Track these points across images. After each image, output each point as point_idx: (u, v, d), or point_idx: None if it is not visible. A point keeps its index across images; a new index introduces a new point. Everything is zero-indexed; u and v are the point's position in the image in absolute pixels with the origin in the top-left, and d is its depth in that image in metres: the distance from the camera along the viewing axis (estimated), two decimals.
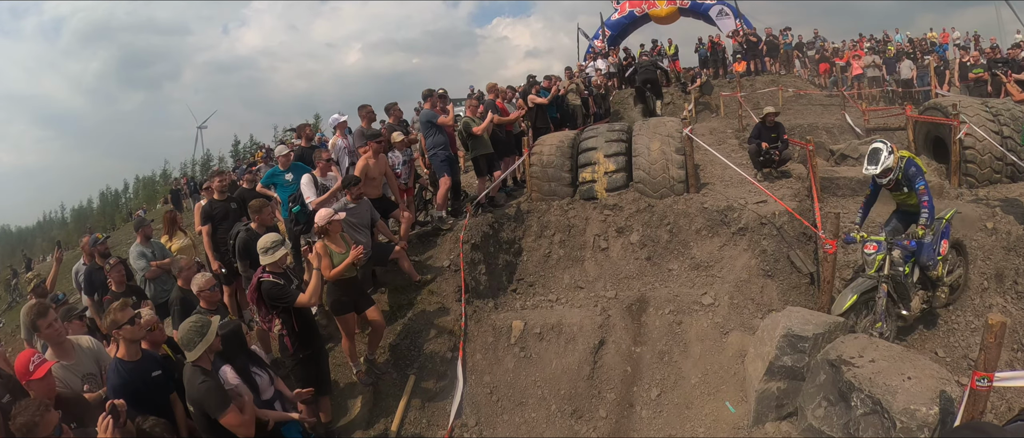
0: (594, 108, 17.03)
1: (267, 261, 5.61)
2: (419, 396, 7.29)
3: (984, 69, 15.60)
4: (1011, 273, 7.28)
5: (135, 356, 4.48)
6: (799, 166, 11.58)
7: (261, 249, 5.65)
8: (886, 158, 6.54)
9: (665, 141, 10.22)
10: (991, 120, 9.55)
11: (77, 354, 4.79)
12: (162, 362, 4.73)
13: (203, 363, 4.36)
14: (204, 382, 4.25)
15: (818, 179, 9.42)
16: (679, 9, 29.01)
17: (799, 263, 7.99)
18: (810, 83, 23.54)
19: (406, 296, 8.42)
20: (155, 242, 8.27)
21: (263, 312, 5.77)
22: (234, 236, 7.28)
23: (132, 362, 4.43)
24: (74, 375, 4.63)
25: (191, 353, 4.31)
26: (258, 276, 5.66)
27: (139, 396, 4.29)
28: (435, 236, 9.65)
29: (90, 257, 8.09)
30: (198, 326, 4.37)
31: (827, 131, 15.40)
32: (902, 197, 6.90)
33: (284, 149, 9.03)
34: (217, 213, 8.16)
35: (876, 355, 5.02)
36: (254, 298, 5.76)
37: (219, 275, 7.77)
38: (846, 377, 4.90)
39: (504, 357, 7.78)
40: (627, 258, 9.34)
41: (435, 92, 10.26)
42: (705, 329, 7.52)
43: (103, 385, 4.65)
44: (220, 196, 8.31)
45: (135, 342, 4.49)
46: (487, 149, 10.51)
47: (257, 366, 4.98)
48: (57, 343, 4.70)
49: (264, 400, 4.86)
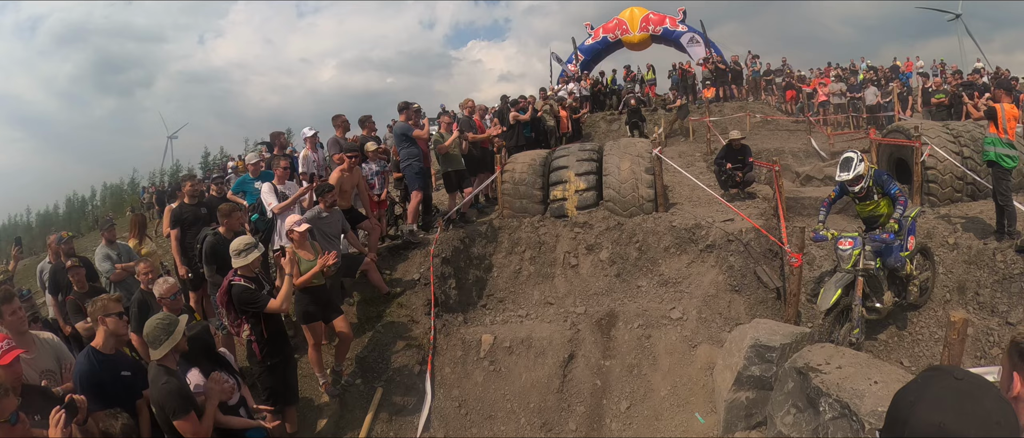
0: (566, 129, 17.19)
1: (240, 264, 5.54)
2: (386, 409, 7.19)
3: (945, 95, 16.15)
4: (973, 285, 7.47)
5: (110, 350, 4.39)
6: (765, 187, 11.79)
7: (234, 251, 5.58)
8: (857, 164, 6.80)
9: (635, 161, 10.34)
10: (952, 141, 9.84)
11: (37, 348, 4.65)
12: (134, 365, 4.61)
13: (168, 363, 4.27)
14: (167, 383, 4.14)
15: (784, 199, 9.61)
16: (651, 36, 29.59)
17: (766, 278, 8.11)
18: (777, 109, 24.06)
19: (375, 308, 8.34)
20: (121, 244, 8.09)
21: (232, 316, 5.67)
22: (201, 240, 7.16)
23: (106, 354, 4.35)
24: (32, 369, 4.48)
25: (156, 351, 4.21)
26: (229, 279, 5.58)
27: (103, 390, 4.18)
28: (406, 249, 9.60)
29: (55, 256, 7.90)
30: (165, 324, 4.28)
31: (793, 155, 15.73)
32: (870, 207, 7.13)
33: (255, 157, 8.96)
34: (186, 217, 8.02)
35: (843, 362, 5.09)
36: (224, 301, 5.66)
37: (185, 280, 7.64)
38: (814, 383, 4.96)
39: (473, 371, 7.73)
40: (597, 275, 9.38)
41: (411, 105, 10.25)
42: (674, 342, 7.57)
43: (62, 383, 4.51)
44: (190, 200, 8.19)
45: (116, 336, 4.41)
46: (458, 165, 10.53)
47: (224, 371, 4.88)
48: (19, 332, 4.54)
49: (229, 406, 4.76)
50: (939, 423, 1.07)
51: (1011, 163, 7.63)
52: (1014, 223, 7.75)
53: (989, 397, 1.11)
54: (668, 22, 29.10)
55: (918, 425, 1.09)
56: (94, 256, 7.97)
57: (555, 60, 30.59)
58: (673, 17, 29.20)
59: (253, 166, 8.71)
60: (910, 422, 1.10)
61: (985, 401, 1.09)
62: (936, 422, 1.08)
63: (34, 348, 4.62)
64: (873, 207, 7.09)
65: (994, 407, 1.09)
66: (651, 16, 29.53)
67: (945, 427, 1.07)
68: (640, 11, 29.95)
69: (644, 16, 29.62)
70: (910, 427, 1.10)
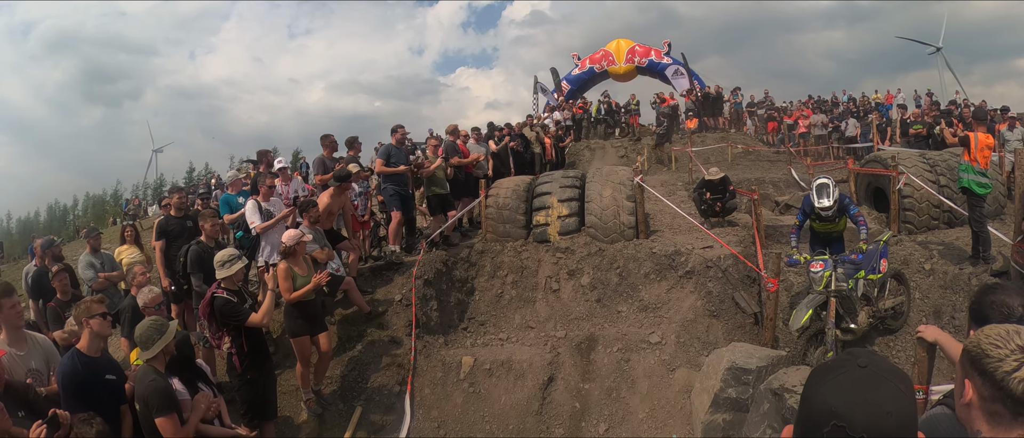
0: (551, 156, 17.38)
1: (223, 275, 5.58)
2: (365, 428, 7.18)
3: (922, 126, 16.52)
4: (949, 309, 7.63)
5: (95, 352, 4.39)
6: (745, 216, 11.98)
7: (218, 262, 5.64)
8: (833, 190, 7.26)
9: (617, 188, 10.49)
10: (928, 170, 10.10)
11: (29, 346, 4.66)
12: (119, 369, 4.61)
13: (157, 364, 4.33)
14: (155, 380, 4.20)
15: (762, 227, 9.77)
16: (637, 67, 30.09)
17: (743, 304, 8.23)
18: (759, 140, 24.44)
19: (356, 328, 8.34)
20: (105, 253, 8.09)
21: (214, 328, 5.70)
22: (184, 253, 7.16)
23: (90, 357, 4.34)
24: (20, 366, 4.50)
25: (147, 352, 4.29)
26: (212, 291, 5.61)
27: (86, 393, 4.18)
28: (388, 270, 9.62)
29: (41, 260, 7.86)
30: (157, 325, 4.38)
31: (773, 184, 15.98)
32: (830, 227, 7.70)
33: (238, 175, 8.99)
34: (172, 230, 8.03)
35: None
36: (206, 313, 5.69)
37: (168, 293, 7.63)
38: (789, 404, 5.04)
39: (453, 392, 7.74)
40: (578, 300, 9.44)
41: (402, 127, 10.33)
42: (652, 366, 7.63)
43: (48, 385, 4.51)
44: (177, 213, 8.21)
45: (100, 338, 4.41)
46: (442, 188, 10.61)
47: (203, 382, 4.90)
48: (15, 327, 4.58)
49: (206, 418, 4.76)
50: (832, 408, 1.12)
51: (982, 190, 7.86)
52: (988, 248, 7.98)
53: (886, 387, 1.14)
54: (653, 54, 29.64)
55: (815, 407, 1.15)
56: (77, 264, 7.96)
57: (540, 90, 30.94)
58: (659, 49, 29.74)
59: (237, 183, 8.74)
60: (810, 402, 1.16)
61: (881, 391, 1.13)
62: (830, 406, 1.12)
63: (26, 346, 4.64)
64: (834, 226, 7.68)
65: (888, 397, 1.13)
66: (637, 48, 30.06)
67: (836, 412, 1.11)
68: (627, 43, 30.49)
69: (631, 48, 30.15)
70: (809, 407, 1.16)
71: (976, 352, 1.60)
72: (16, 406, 3.73)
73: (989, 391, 1.56)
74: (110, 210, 63.39)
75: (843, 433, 1.10)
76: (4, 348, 4.39)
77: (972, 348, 1.62)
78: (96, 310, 4.37)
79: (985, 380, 1.56)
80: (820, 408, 1.14)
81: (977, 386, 1.59)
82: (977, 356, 1.59)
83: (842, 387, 1.14)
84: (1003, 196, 10.29)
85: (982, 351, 1.58)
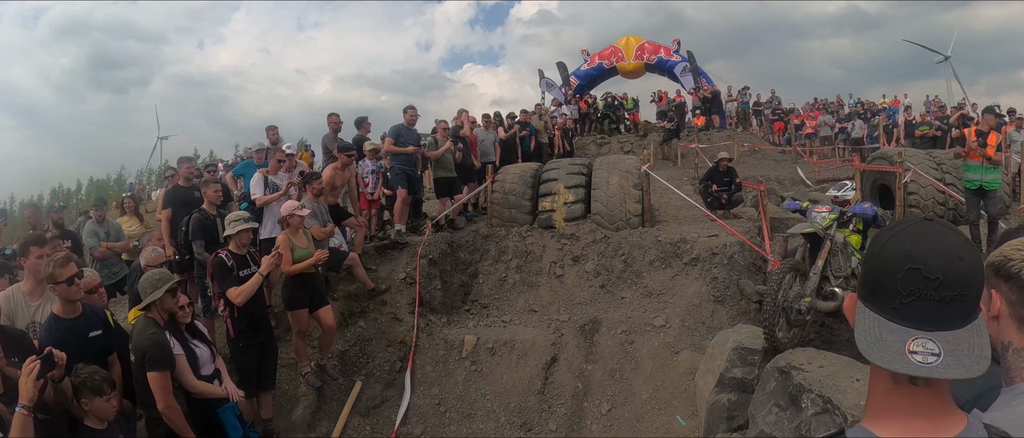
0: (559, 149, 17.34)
1: (229, 232, 5.62)
2: (364, 403, 7.15)
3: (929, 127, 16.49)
4: None
5: (71, 313, 4.20)
6: (751, 210, 11.92)
7: (228, 221, 5.69)
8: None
9: (624, 177, 10.43)
10: (934, 168, 10.04)
11: (43, 301, 4.60)
12: (103, 322, 4.45)
13: (156, 316, 4.32)
14: (154, 333, 4.19)
15: (769, 219, 9.70)
16: (645, 65, 29.94)
17: (748, 290, 8.15)
18: (765, 140, 24.37)
19: (359, 304, 8.28)
20: (111, 222, 8.07)
21: (214, 290, 5.68)
22: (186, 222, 7.12)
23: (68, 320, 4.17)
24: (24, 314, 4.52)
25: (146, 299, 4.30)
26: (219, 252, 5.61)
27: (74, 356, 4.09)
28: (393, 250, 9.57)
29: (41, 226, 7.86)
30: (157, 278, 4.38)
31: (779, 182, 15.89)
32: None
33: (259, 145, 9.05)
34: (179, 199, 7.99)
35: (825, 362, 5.13)
36: (211, 274, 5.67)
37: (172, 261, 7.59)
38: (796, 381, 4.98)
39: (454, 370, 7.70)
40: (581, 285, 9.39)
41: (413, 108, 10.28)
42: (656, 348, 7.57)
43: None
44: (185, 183, 8.19)
45: (69, 302, 4.21)
46: (448, 172, 10.58)
47: (199, 340, 4.86)
48: (37, 279, 4.54)
49: (203, 375, 4.73)
50: (907, 252, 1.14)
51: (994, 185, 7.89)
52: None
53: (956, 236, 1.17)
54: (663, 52, 29.49)
55: (887, 254, 1.17)
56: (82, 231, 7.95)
57: (545, 86, 30.84)
58: (668, 47, 29.62)
59: (257, 154, 8.78)
60: (881, 254, 1.18)
61: (951, 239, 1.16)
62: (905, 251, 1.15)
63: (40, 299, 4.61)
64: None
65: (958, 244, 1.16)
66: (646, 45, 29.92)
67: (912, 256, 1.13)
68: (636, 40, 30.35)
69: (640, 45, 30.00)
70: (880, 258, 1.19)
71: (999, 260, 1.57)
72: (12, 352, 3.68)
73: (1016, 295, 1.52)
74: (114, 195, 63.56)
75: (919, 275, 1.13)
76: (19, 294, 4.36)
77: (995, 258, 1.60)
78: (60, 276, 4.03)
79: (1011, 285, 1.53)
80: (894, 254, 1.17)
81: (1003, 293, 1.55)
82: (1000, 264, 1.56)
83: (916, 234, 1.18)
84: (1008, 196, 10.22)
85: (1005, 257, 1.55)
